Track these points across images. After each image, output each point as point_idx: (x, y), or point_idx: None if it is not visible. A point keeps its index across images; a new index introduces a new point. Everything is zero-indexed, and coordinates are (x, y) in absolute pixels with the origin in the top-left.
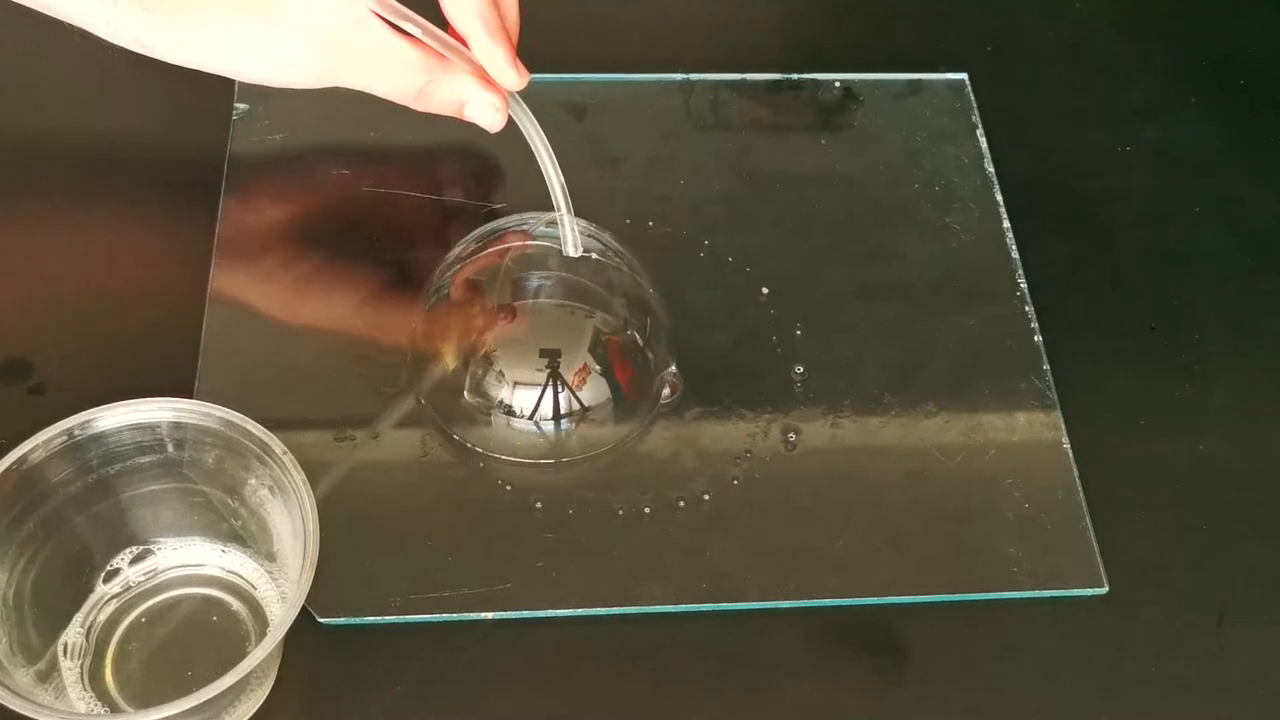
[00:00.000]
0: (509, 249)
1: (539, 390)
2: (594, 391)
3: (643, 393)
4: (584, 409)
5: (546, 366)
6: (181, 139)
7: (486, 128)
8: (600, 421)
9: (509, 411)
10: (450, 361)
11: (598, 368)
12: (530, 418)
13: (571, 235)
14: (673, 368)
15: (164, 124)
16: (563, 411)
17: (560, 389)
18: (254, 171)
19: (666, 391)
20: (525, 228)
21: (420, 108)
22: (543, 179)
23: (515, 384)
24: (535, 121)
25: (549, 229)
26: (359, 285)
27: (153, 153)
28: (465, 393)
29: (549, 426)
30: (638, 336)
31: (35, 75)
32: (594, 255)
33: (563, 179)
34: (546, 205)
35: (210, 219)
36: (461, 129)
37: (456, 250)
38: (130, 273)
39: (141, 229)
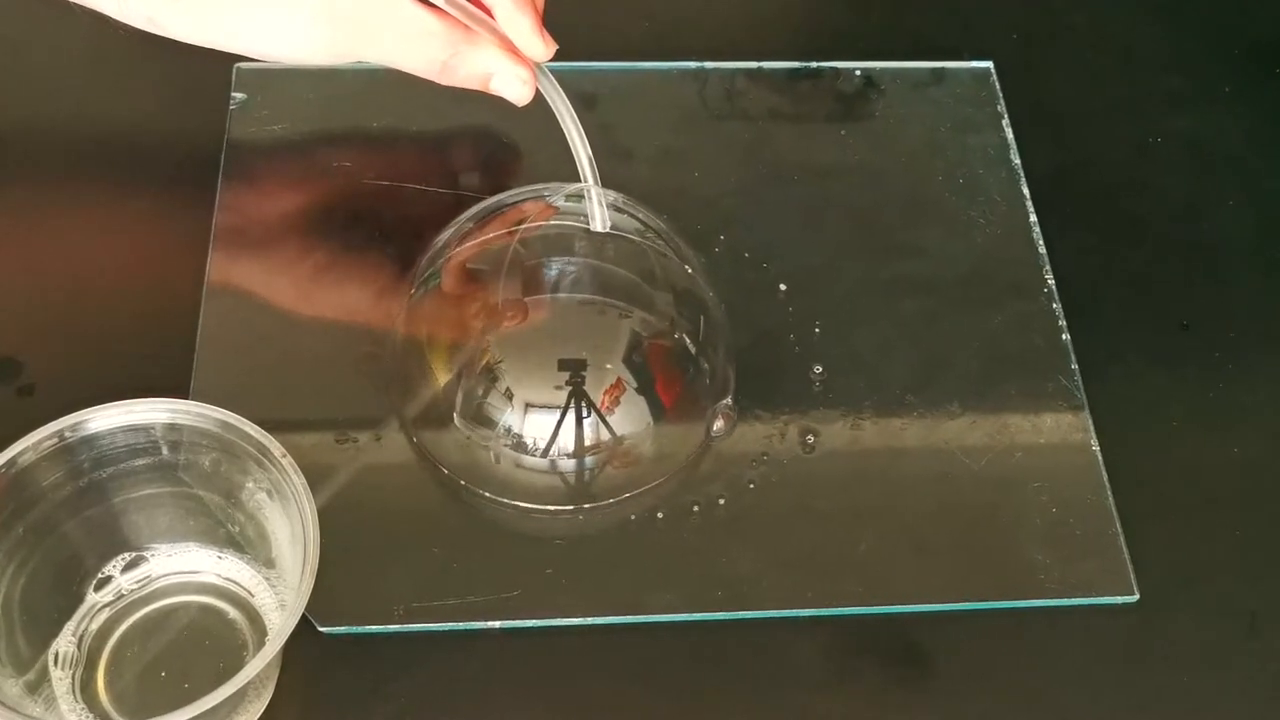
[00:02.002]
0: (519, 227)
1: (557, 415)
2: (630, 415)
3: (694, 415)
4: (616, 440)
5: (567, 382)
6: (177, 130)
7: (514, 101)
8: (636, 456)
9: (517, 444)
10: (440, 375)
11: (635, 383)
12: (544, 454)
13: (600, 211)
14: (728, 399)
15: (159, 114)
16: (588, 444)
17: (585, 413)
18: (252, 163)
19: (719, 425)
20: (540, 201)
21: (444, 82)
22: (558, 168)
23: (526, 406)
24: (562, 93)
25: (571, 203)
26: (362, 281)
27: (147, 144)
28: (459, 417)
29: (569, 464)
30: (688, 341)
31: (25, 65)
32: (632, 235)
33: (590, 153)
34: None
35: (207, 212)
36: (468, 118)
37: (450, 229)
38: (124, 268)
39: (135, 223)
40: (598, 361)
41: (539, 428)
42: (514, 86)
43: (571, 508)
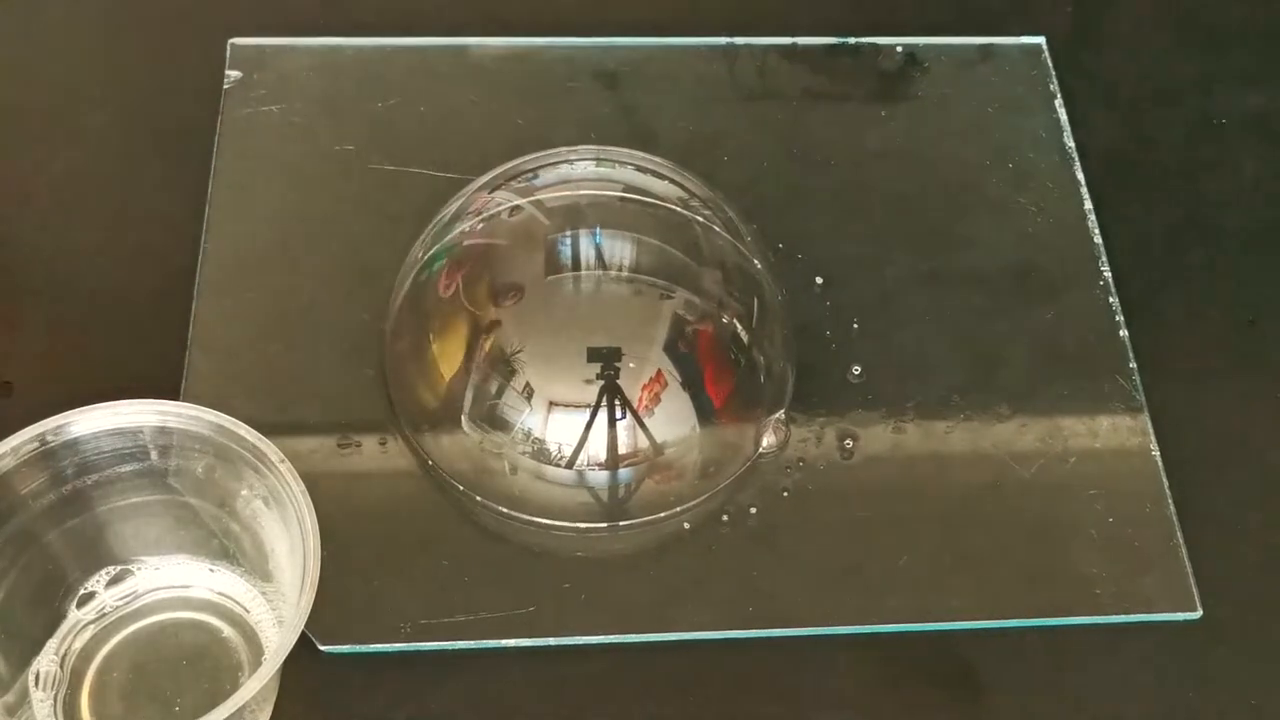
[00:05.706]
0: (535, 197)
1: (586, 415)
2: (672, 416)
3: (747, 417)
4: (656, 447)
5: (598, 375)
6: (167, 111)
7: None
8: (679, 467)
9: (539, 452)
10: (445, 370)
11: (678, 376)
12: (570, 464)
13: None
14: (780, 414)
15: (148, 95)
16: (623, 451)
17: (620, 412)
18: (248, 146)
19: (769, 440)
20: (559, 166)
21: None
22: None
23: (550, 404)
24: None
25: (597, 166)
26: (365, 273)
27: (135, 126)
28: (468, 420)
29: (600, 477)
30: (740, 327)
31: (10, 44)
32: (674, 205)
33: None
34: None
35: (199, 200)
36: (470, 98)
37: (458, 200)
38: (111, 260)
39: (122, 211)
40: (634, 351)
41: (565, 431)
42: None
43: (606, 525)
